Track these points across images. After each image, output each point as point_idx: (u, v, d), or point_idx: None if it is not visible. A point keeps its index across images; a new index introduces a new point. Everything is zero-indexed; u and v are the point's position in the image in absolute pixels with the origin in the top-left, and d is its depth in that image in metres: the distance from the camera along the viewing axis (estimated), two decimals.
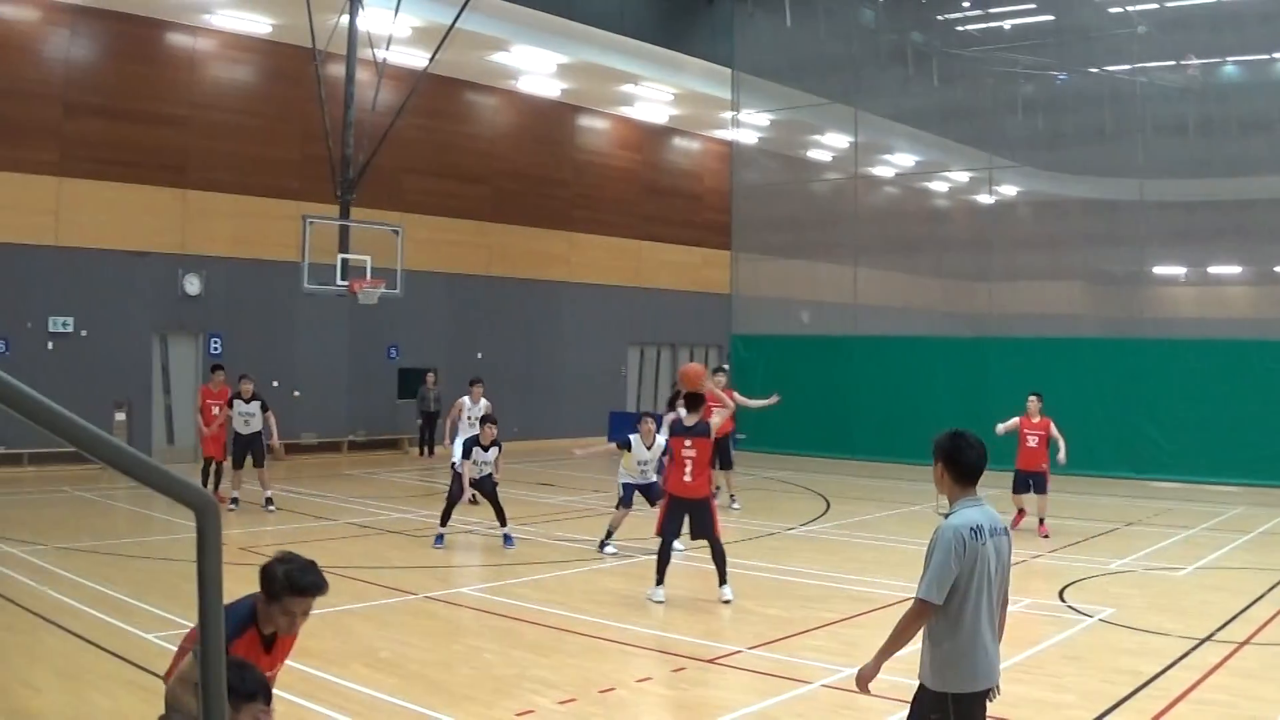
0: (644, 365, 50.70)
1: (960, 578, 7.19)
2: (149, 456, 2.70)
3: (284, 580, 7.12)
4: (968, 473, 7.46)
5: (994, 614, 7.31)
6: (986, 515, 7.38)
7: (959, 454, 7.45)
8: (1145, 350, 35.81)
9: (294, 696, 11.40)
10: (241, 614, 7.23)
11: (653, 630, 15.27)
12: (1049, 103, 43.19)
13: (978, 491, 7.52)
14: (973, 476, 7.48)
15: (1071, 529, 24.97)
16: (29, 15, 32.44)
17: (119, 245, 33.65)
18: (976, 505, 7.42)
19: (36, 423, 2.47)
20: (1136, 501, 30.22)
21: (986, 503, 7.51)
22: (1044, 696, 12.11)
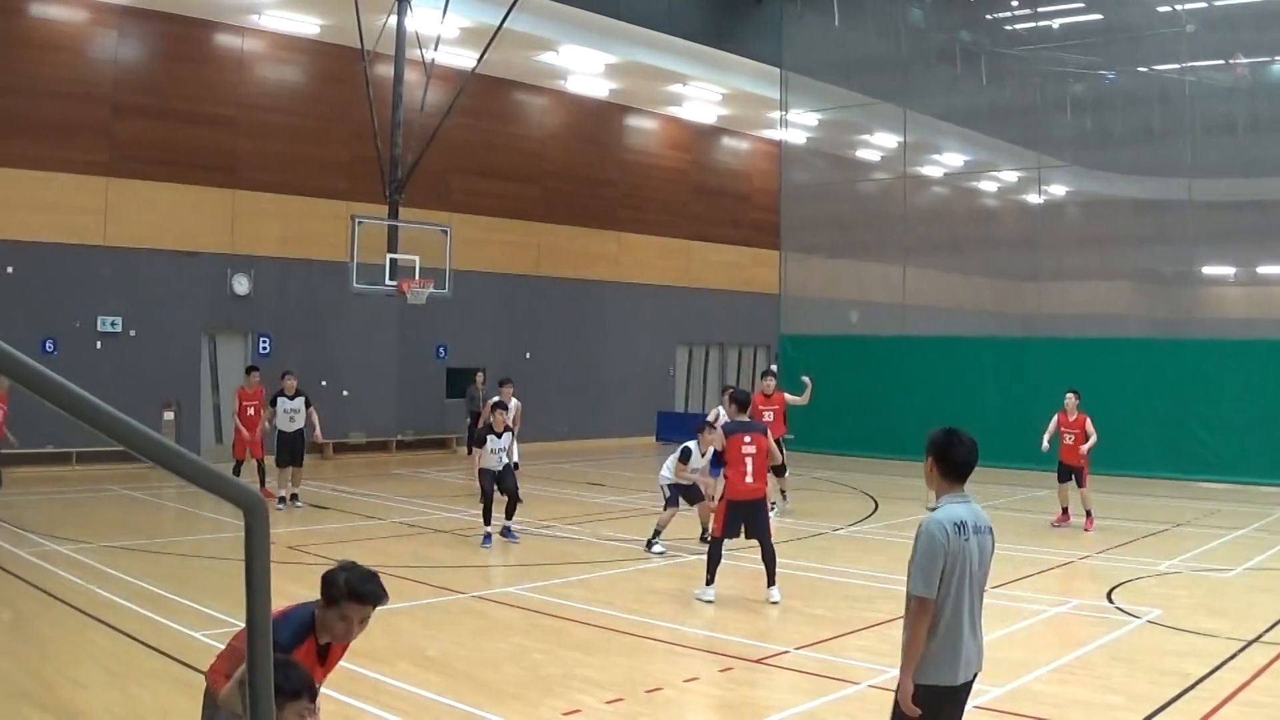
0: (692, 365, 50.69)
1: (944, 573, 7.26)
2: (197, 455, 2.71)
3: (344, 586, 7.14)
4: (957, 469, 7.50)
5: (975, 610, 7.40)
6: (971, 512, 7.45)
7: (950, 450, 7.50)
8: (1193, 350, 35.62)
9: (342, 695, 11.43)
10: (302, 622, 7.27)
11: (700, 630, 15.26)
12: (1097, 102, 43.01)
13: (965, 489, 7.57)
14: (961, 473, 7.53)
15: (1119, 530, 24.88)
16: (77, 17, 32.62)
17: (168, 245, 33.81)
18: (963, 502, 7.49)
19: (86, 422, 2.48)
20: (1184, 502, 30.05)
21: (973, 500, 7.55)
22: (1091, 698, 12.06)
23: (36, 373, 2.38)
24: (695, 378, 50.70)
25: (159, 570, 18.24)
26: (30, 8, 31.98)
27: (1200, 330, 36.45)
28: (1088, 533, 24.74)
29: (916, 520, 7.56)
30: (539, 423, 39.67)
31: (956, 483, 7.50)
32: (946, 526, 7.31)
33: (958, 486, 7.50)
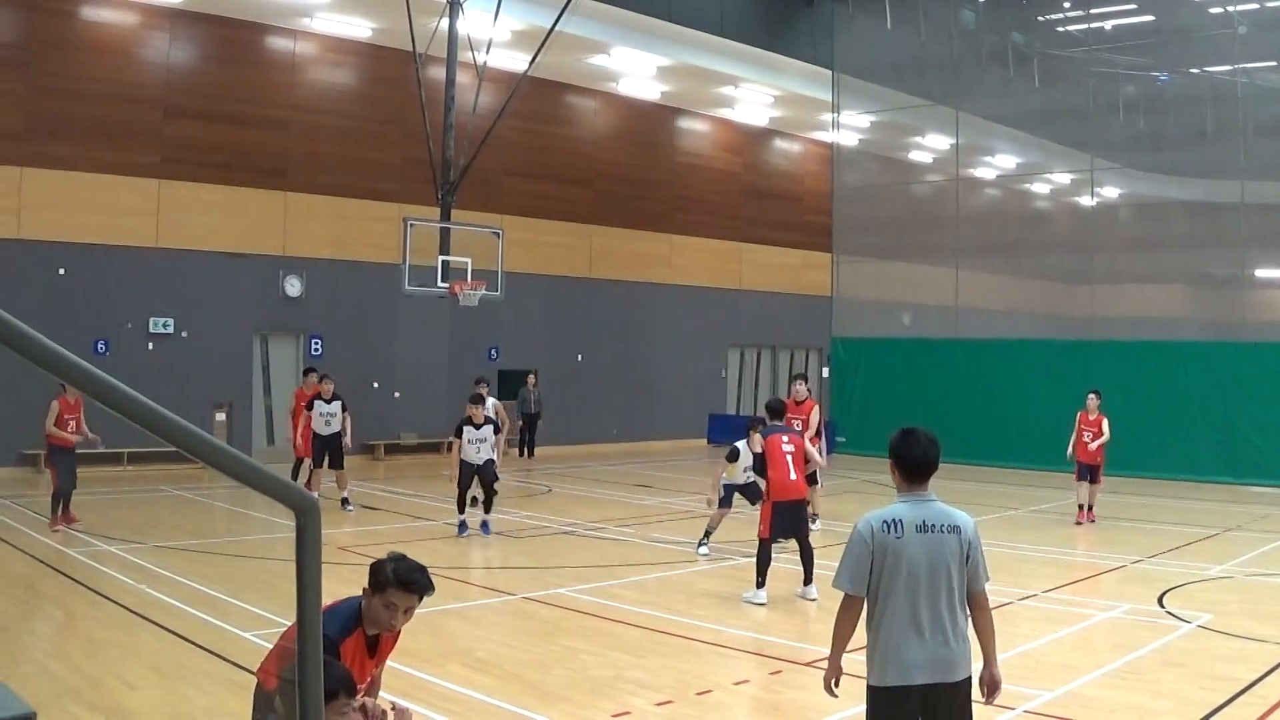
0: (744, 368, 50.67)
1: (876, 571, 7.26)
2: (249, 457, 2.73)
3: (391, 574, 7.24)
4: (912, 468, 7.45)
5: (929, 611, 7.19)
6: (920, 510, 7.34)
7: (906, 451, 7.48)
8: (1246, 353, 35.43)
9: (391, 695, 11.42)
10: (349, 615, 7.34)
11: (750, 633, 15.23)
12: (1150, 104, 42.78)
13: (929, 488, 7.49)
14: (919, 473, 7.46)
15: (1171, 534, 24.75)
16: (129, 20, 32.84)
17: (219, 247, 33.99)
18: (913, 501, 7.41)
19: (139, 423, 2.50)
20: (1236, 506, 29.88)
21: (936, 501, 7.44)
22: (1141, 702, 12.00)
23: (89, 374, 2.40)
24: (747, 380, 50.69)
25: (210, 570, 18.31)
26: (82, 11, 32.20)
27: (1253, 333, 36.24)
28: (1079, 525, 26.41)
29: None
30: (590, 424, 39.71)
31: (916, 482, 7.45)
32: (874, 524, 7.31)
33: (918, 486, 7.44)
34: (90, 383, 2.41)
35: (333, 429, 26.25)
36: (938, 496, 7.43)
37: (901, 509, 7.35)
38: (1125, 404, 35.90)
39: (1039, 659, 13.50)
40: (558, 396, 36.36)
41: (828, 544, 22.26)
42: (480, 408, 22.83)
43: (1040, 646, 14.14)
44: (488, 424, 22.73)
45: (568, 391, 39.75)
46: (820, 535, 23.35)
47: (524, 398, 38.24)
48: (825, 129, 47.95)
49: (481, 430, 22.59)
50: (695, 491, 29.37)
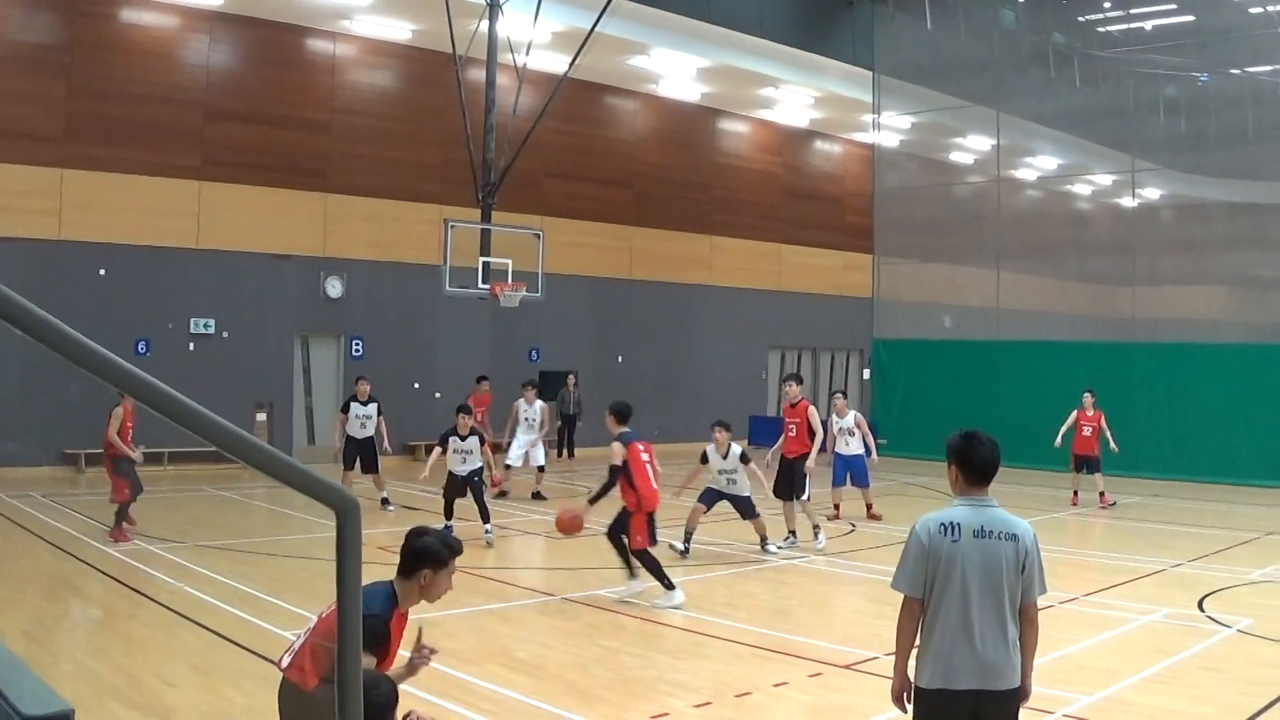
0: (784, 369, 50.57)
1: (931, 573, 7.22)
2: (289, 457, 2.73)
3: (444, 546, 7.67)
4: (979, 472, 7.39)
5: (979, 617, 7.12)
6: (979, 515, 7.28)
7: (971, 453, 7.40)
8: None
9: (430, 695, 11.47)
10: (384, 595, 7.65)
11: (790, 635, 15.18)
12: (1191, 104, 42.60)
13: (989, 493, 7.43)
14: (984, 476, 7.41)
15: (1212, 538, 24.61)
16: (169, 22, 33.00)
17: (260, 248, 34.12)
18: (972, 504, 7.35)
19: (180, 423, 2.51)
20: (1278, 510, 29.70)
21: (995, 506, 7.38)
22: (1181, 708, 11.93)
23: (130, 374, 2.40)
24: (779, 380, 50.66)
25: (250, 570, 18.37)
26: (122, 14, 32.36)
27: None
28: (1106, 508, 28.61)
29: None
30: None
31: (977, 486, 7.38)
32: (931, 526, 7.28)
33: (978, 490, 7.38)
34: (132, 383, 2.41)
35: (368, 432, 26.21)
36: (997, 502, 7.39)
37: (960, 512, 7.30)
38: (1167, 406, 35.87)
39: (1078, 663, 13.44)
40: (598, 398, 36.13)
41: (875, 545, 22.26)
42: (468, 418, 22.48)
43: (1080, 651, 14.08)
44: (473, 435, 22.32)
45: (608, 393, 39.53)
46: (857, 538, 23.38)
47: (563, 399, 38.22)
48: (866, 130, 47.93)
49: (467, 441, 22.18)
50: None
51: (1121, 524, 26.82)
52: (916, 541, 7.29)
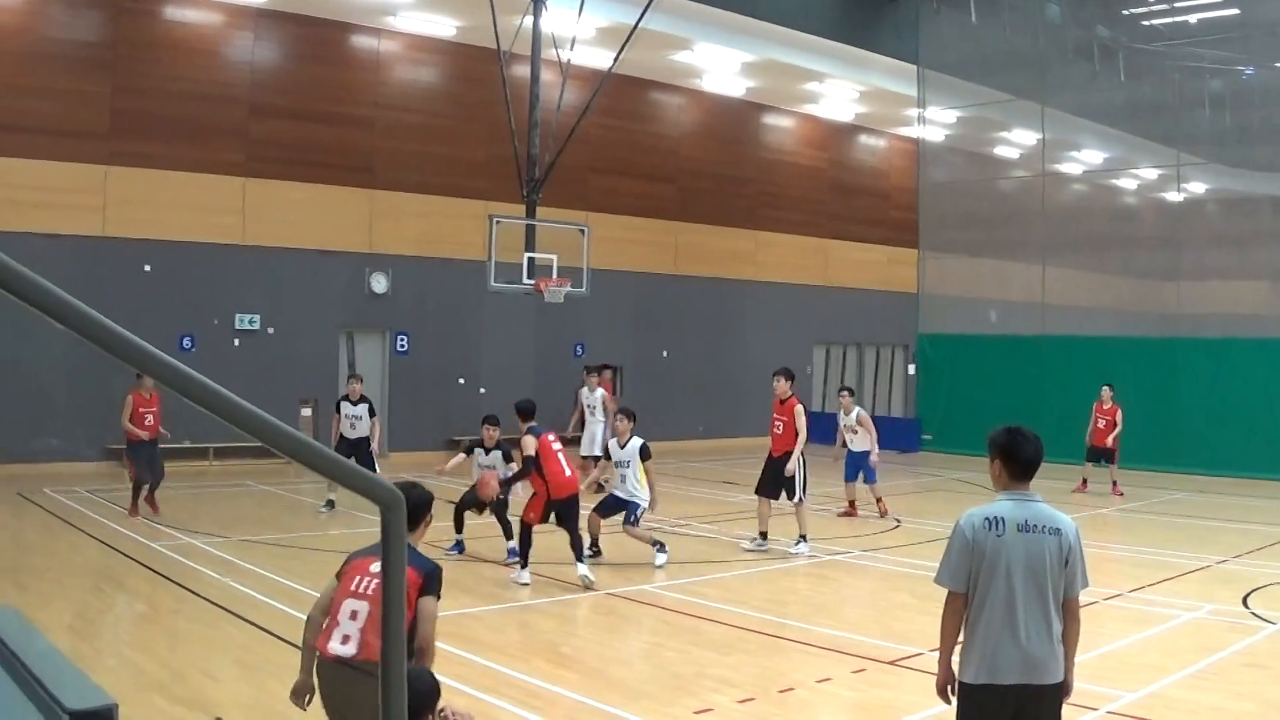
0: (830, 364, 50.51)
1: (975, 568, 7.22)
2: (335, 452, 2.75)
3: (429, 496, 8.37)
4: (1022, 467, 7.39)
5: (1024, 612, 7.12)
6: (1023, 510, 7.27)
7: (1016, 449, 7.40)
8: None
9: (475, 690, 11.50)
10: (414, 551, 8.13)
11: (833, 630, 15.18)
12: (1236, 98, 42.36)
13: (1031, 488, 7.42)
14: (1027, 471, 7.41)
15: (1257, 534, 24.47)
16: (214, 19, 33.12)
17: (305, 244, 34.22)
18: (1016, 499, 7.35)
19: (225, 418, 2.52)
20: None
21: (1039, 501, 7.38)
22: (1224, 704, 11.90)
23: (175, 370, 2.42)
24: (833, 377, 50.50)
25: (294, 564, 18.42)
26: (167, 11, 32.48)
27: None
28: (1118, 496, 29.46)
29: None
30: (675, 421, 39.72)
31: (1021, 481, 7.39)
32: (976, 521, 7.27)
33: (1022, 485, 7.38)
34: (177, 378, 2.43)
35: (359, 432, 25.65)
36: (1041, 497, 7.38)
37: (1005, 507, 7.29)
38: (1212, 401, 35.68)
39: (1122, 659, 13.40)
40: (643, 393, 36.35)
41: (919, 541, 22.24)
42: (494, 430, 20.93)
43: (1124, 647, 14.05)
44: (498, 449, 20.70)
45: (653, 388, 39.70)
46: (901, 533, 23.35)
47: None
48: (911, 124, 47.77)
49: (490, 455, 20.67)
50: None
51: (1165, 519, 26.74)
52: (961, 536, 7.29)
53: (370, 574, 7.87)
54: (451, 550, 20.18)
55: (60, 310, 2.24)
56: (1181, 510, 27.98)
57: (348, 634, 7.80)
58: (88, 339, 2.28)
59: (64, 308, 2.24)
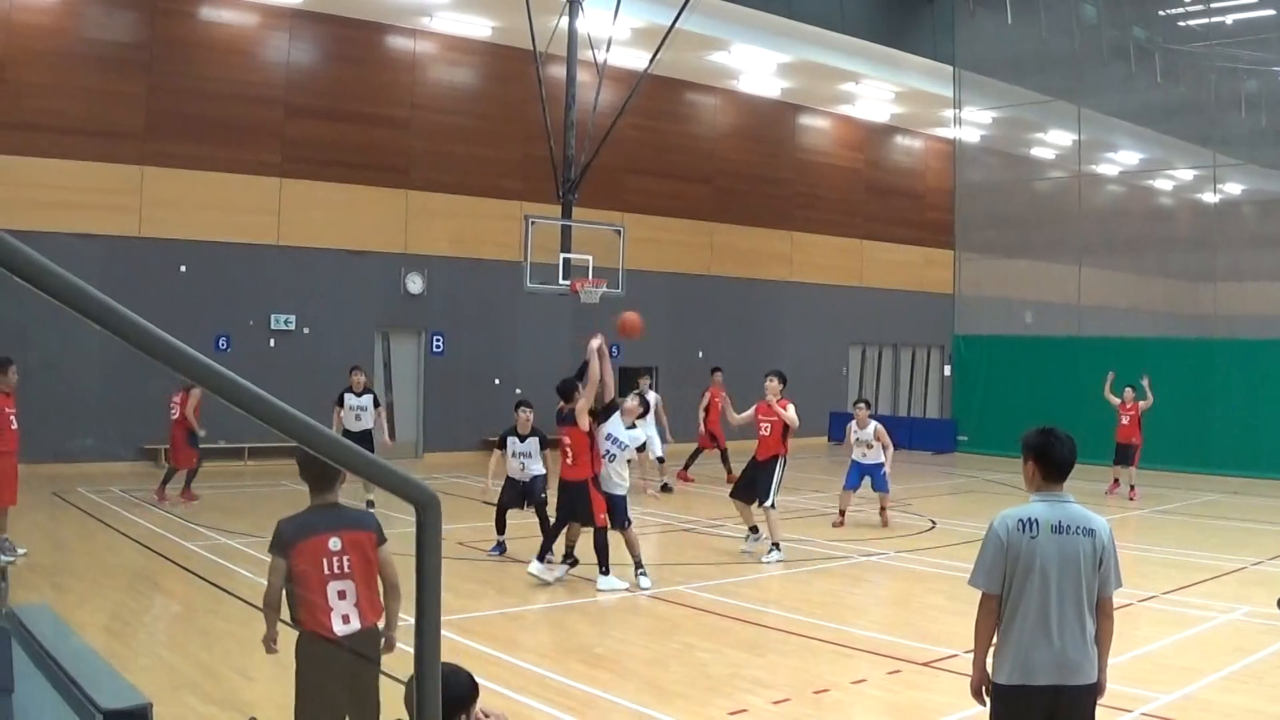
0: (865, 365, 50.47)
1: (1009, 569, 7.22)
2: (369, 452, 2.75)
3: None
4: (1056, 468, 7.36)
5: (1058, 613, 7.11)
6: (1057, 511, 7.25)
7: (1049, 450, 7.37)
8: None
9: (510, 691, 11.52)
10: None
11: (868, 632, 15.16)
12: (1272, 99, 42.23)
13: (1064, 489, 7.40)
14: (1061, 472, 7.38)
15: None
16: (250, 20, 33.21)
17: (340, 245, 34.30)
18: (1049, 500, 7.33)
19: (260, 418, 2.52)
20: None
21: (1072, 502, 7.36)
22: (1260, 706, 11.85)
23: (211, 370, 2.42)
24: (868, 378, 50.49)
25: None
26: (203, 11, 32.57)
27: None
28: (1132, 501, 28.98)
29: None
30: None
31: (1055, 482, 7.37)
32: (1009, 522, 7.27)
33: (1055, 486, 7.36)
34: (213, 378, 2.43)
35: (363, 424, 25.69)
36: (1074, 498, 7.37)
37: (1038, 508, 7.28)
38: (1248, 403, 35.56)
39: (1157, 661, 13.36)
40: (679, 393, 36.23)
41: (954, 543, 22.21)
42: (529, 412, 20.49)
43: (1159, 649, 14.01)
44: (534, 435, 20.28)
45: (689, 388, 39.59)
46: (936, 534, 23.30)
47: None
48: (947, 125, 47.72)
49: (526, 443, 20.21)
50: (813, 490, 29.27)
51: (1201, 521, 26.65)
52: (994, 538, 7.29)
53: (333, 551, 8.17)
54: (493, 552, 20.13)
55: (96, 311, 2.24)
56: (1217, 512, 27.90)
57: (346, 614, 8.20)
58: (123, 339, 2.29)
59: (100, 308, 2.24)
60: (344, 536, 8.26)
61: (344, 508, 8.63)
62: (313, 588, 8.21)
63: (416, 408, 36.31)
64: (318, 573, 8.20)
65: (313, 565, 8.21)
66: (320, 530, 8.29)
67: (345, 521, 8.45)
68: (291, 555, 8.30)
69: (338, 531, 8.27)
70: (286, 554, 8.34)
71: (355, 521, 8.57)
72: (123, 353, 2.38)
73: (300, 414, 2.56)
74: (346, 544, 8.26)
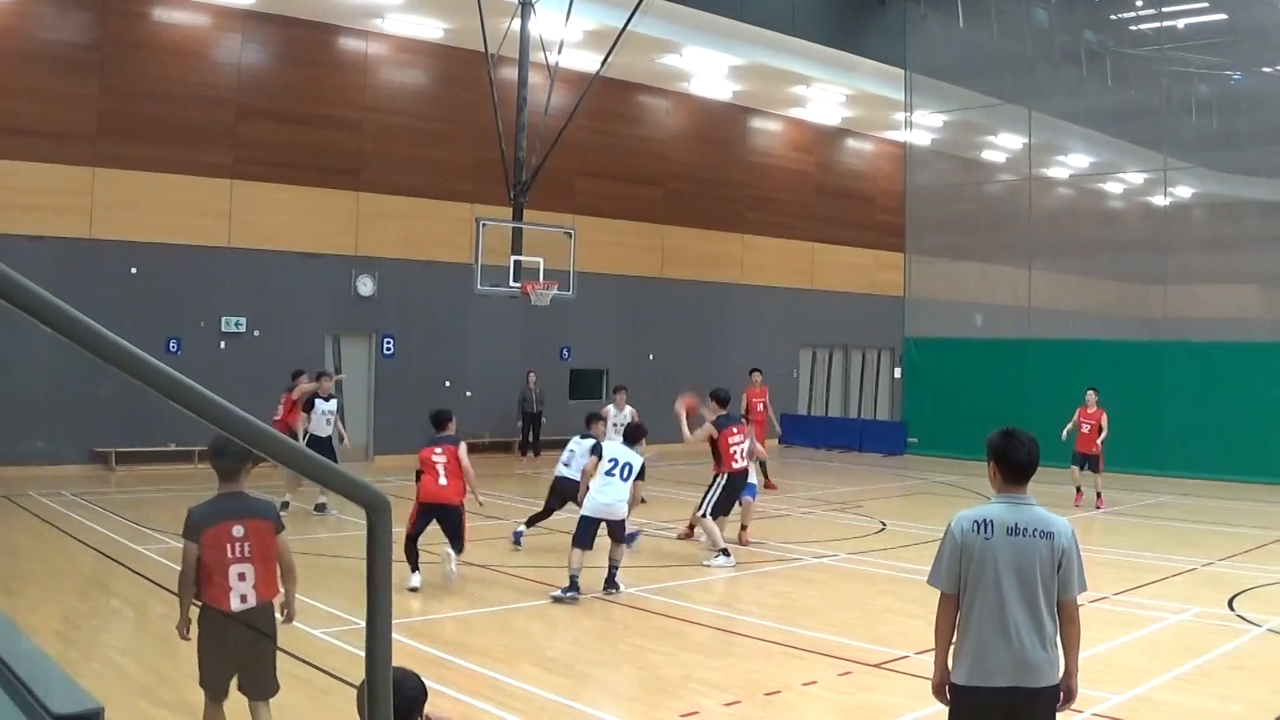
0: (815, 367, 50.55)
1: (964, 570, 7.27)
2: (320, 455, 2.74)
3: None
4: (1016, 470, 7.40)
5: (1013, 615, 7.13)
6: (1015, 513, 7.28)
7: (1009, 453, 7.40)
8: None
9: (461, 694, 11.51)
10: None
11: (820, 634, 15.18)
12: (1223, 103, 42.50)
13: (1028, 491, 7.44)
14: (1020, 474, 7.41)
15: (1242, 537, 24.60)
16: (201, 21, 33.05)
17: (291, 247, 34.16)
18: (1009, 502, 7.36)
19: (211, 421, 2.51)
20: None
21: (1033, 504, 7.37)
22: (1210, 706, 11.94)
23: (161, 372, 2.41)
24: (819, 380, 50.59)
25: None
26: (155, 13, 32.40)
27: None
28: (1098, 508, 28.20)
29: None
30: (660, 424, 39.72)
31: (1016, 484, 7.40)
32: (965, 523, 7.32)
33: (1016, 488, 7.39)
34: (163, 381, 2.42)
35: (331, 429, 25.88)
36: (1036, 500, 7.39)
37: (995, 510, 7.32)
38: (1198, 405, 35.74)
39: (1108, 662, 13.41)
40: (629, 397, 36.19)
41: (906, 544, 22.26)
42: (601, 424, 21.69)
43: (1110, 650, 14.06)
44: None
45: (639, 391, 39.67)
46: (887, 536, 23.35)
47: (525, 396, 37.90)
48: (898, 128, 47.83)
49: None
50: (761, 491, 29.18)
51: (1151, 523, 26.78)
52: (950, 538, 7.35)
53: (236, 538, 9.12)
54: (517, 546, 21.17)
55: (46, 312, 2.23)
56: (1167, 513, 28.04)
57: (244, 594, 9.16)
58: (73, 341, 2.28)
59: (49, 310, 2.23)
60: (246, 524, 9.20)
61: (248, 497, 9.42)
62: (217, 569, 9.10)
63: (367, 410, 36.18)
64: (222, 556, 9.09)
65: (218, 549, 9.10)
66: (226, 518, 9.20)
67: (248, 510, 9.31)
68: (201, 540, 9.15)
69: (241, 519, 9.19)
70: (196, 539, 9.18)
71: (257, 511, 9.39)
72: (73, 355, 2.38)
73: (250, 416, 2.55)
74: (249, 531, 9.19)
